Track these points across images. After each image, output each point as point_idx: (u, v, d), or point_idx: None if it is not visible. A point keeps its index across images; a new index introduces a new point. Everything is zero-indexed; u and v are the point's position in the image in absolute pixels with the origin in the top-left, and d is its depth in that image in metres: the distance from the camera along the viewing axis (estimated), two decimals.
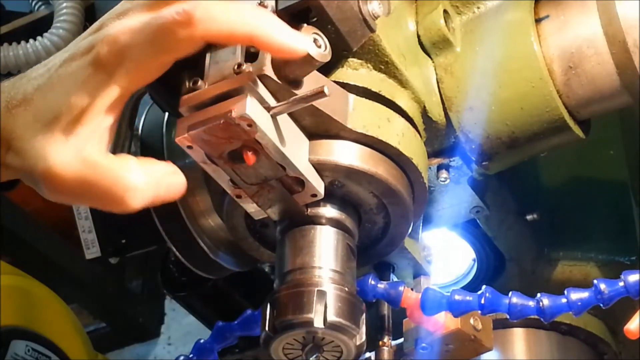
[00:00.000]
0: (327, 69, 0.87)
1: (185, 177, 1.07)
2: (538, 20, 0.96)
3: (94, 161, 0.75)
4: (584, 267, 1.24)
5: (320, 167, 0.86)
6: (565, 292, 0.91)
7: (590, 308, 0.91)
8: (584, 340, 1.25)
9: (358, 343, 0.85)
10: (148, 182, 0.76)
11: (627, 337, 0.93)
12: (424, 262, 1.04)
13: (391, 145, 0.88)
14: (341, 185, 0.88)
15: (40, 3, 1.54)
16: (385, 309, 1.02)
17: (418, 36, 0.97)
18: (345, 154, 0.87)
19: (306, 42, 0.77)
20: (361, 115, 0.88)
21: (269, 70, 0.80)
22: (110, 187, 0.75)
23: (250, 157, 0.79)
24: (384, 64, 0.91)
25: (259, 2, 0.82)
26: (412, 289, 0.98)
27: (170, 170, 0.78)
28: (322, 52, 0.80)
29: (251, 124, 0.76)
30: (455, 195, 1.05)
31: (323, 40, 0.81)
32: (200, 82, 0.79)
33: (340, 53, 0.87)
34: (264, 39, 0.75)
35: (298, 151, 0.83)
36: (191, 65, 0.80)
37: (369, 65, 0.90)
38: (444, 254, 1.20)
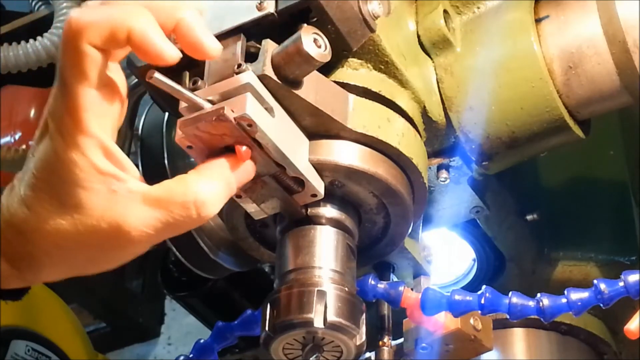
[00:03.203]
0: (327, 69, 0.87)
1: None
2: (538, 20, 0.96)
3: (160, 195, 0.72)
4: (584, 267, 1.24)
5: (320, 167, 0.86)
6: (565, 292, 0.91)
7: (590, 308, 0.91)
8: (584, 340, 1.25)
9: (358, 343, 0.85)
10: (217, 187, 0.74)
11: (627, 337, 0.93)
12: (424, 262, 1.04)
13: (391, 145, 0.88)
14: (341, 185, 0.88)
15: (40, 3, 1.54)
16: (385, 309, 1.02)
17: (418, 36, 0.97)
18: (345, 154, 0.87)
19: (173, 50, 0.71)
20: (361, 115, 0.88)
21: (269, 70, 0.80)
22: (183, 209, 0.72)
23: (244, 153, 0.79)
24: (384, 64, 0.90)
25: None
26: (412, 289, 0.98)
27: (231, 162, 0.76)
28: (322, 52, 0.80)
29: (251, 123, 0.76)
30: (455, 195, 1.05)
31: (323, 40, 0.81)
32: (200, 82, 0.79)
33: (340, 53, 0.87)
34: (140, 37, 0.70)
35: (298, 151, 0.83)
36: (191, 65, 0.80)
37: (369, 65, 0.90)
38: (444, 254, 1.20)
